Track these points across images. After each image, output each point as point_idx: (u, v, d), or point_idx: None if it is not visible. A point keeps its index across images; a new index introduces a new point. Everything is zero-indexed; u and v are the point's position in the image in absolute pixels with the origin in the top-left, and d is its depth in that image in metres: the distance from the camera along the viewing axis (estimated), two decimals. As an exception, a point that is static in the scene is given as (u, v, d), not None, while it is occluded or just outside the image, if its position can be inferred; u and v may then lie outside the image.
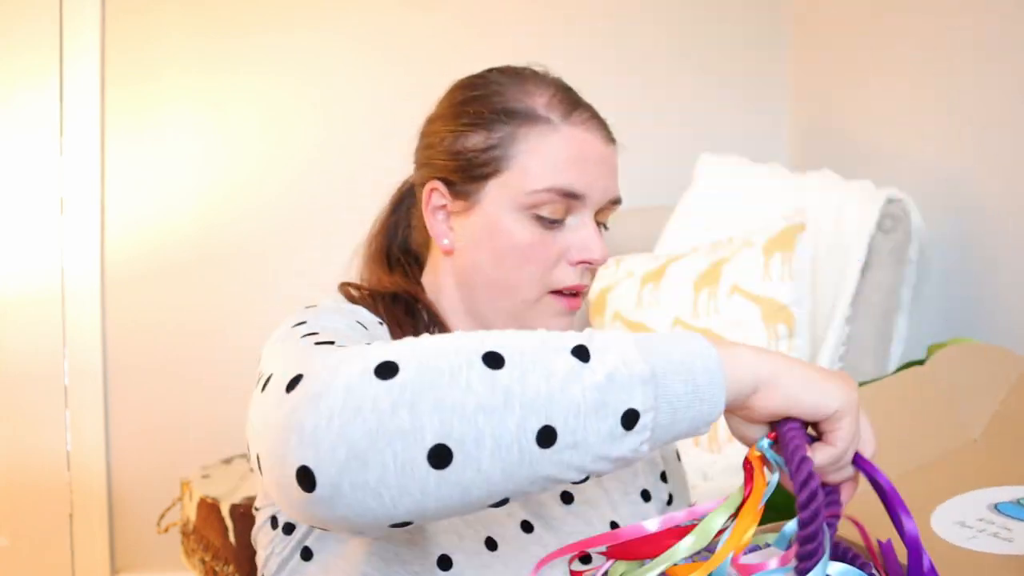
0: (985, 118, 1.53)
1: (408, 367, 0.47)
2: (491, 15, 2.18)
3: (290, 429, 0.46)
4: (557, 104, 0.77)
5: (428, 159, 0.81)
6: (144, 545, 2.16)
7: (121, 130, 2.14)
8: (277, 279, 2.19)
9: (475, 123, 0.77)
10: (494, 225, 0.76)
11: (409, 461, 0.45)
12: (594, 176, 0.76)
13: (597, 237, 0.77)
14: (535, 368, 0.48)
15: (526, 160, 0.75)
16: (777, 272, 1.52)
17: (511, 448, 0.47)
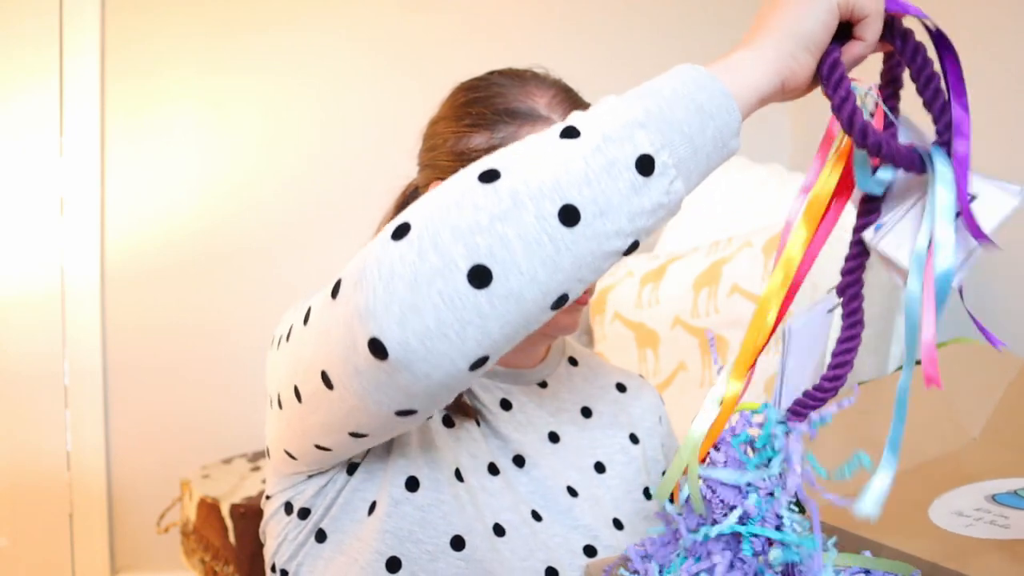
0: (985, 118, 1.53)
1: (418, 219, 0.49)
2: (491, 15, 2.18)
3: (349, 317, 0.50)
4: (558, 104, 0.77)
5: (432, 160, 0.82)
6: (144, 545, 2.16)
7: (121, 130, 2.14)
8: (278, 279, 2.19)
9: (477, 124, 0.77)
10: None
11: (454, 293, 0.47)
12: None
13: None
14: (531, 163, 0.49)
15: None
16: (777, 272, 1.52)
17: (540, 240, 0.47)
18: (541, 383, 0.85)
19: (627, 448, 0.87)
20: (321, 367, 0.55)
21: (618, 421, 0.88)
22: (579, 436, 0.84)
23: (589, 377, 0.90)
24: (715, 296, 1.57)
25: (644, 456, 0.88)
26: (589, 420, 0.86)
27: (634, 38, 2.24)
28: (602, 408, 0.88)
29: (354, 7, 2.17)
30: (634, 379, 0.94)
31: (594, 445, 0.85)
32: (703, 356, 1.56)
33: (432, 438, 0.74)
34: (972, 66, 1.52)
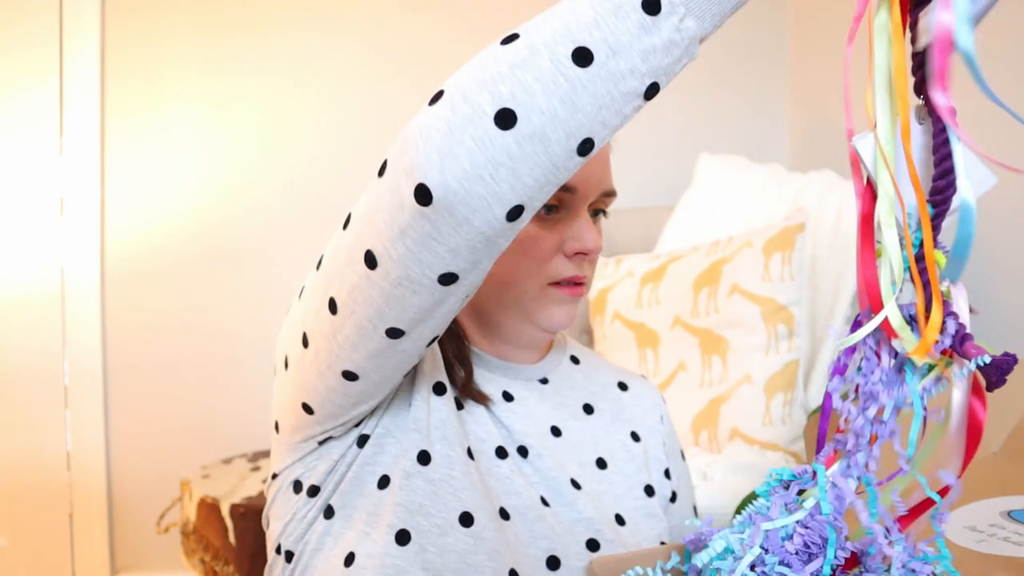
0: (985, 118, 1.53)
1: (449, 83, 0.54)
2: (491, 15, 2.18)
3: (396, 178, 0.55)
4: None
5: None
6: (144, 545, 2.16)
7: (121, 130, 2.14)
8: (277, 278, 2.19)
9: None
10: None
11: (484, 135, 0.51)
12: (587, 170, 0.76)
13: (590, 227, 0.77)
14: (544, 18, 0.54)
15: None
16: (777, 272, 1.52)
17: (557, 80, 0.51)
18: (542, 379, 0.86)
19: (628, 445, 0.87)
20: (365, 247, 0.59)
21: (619, 418, 0.89)
22: (581, 431, 0.85)
23: (590, 375, 0.91)
24: (715, 296, 1.57)
25: (645, 454, 0.88)
26: (591, 416, 0.87)
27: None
28: (603, 405, 0.89)
29: (354, 7, 2.17)
30: (636, 378, 0.95)
31: (596, 441, 0.85)
32: (703, 356, 1.56)
33: (445, 417, 0.75)
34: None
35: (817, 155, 2.08)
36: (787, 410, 1.46)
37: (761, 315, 1.50)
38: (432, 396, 0.76)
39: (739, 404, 1.48)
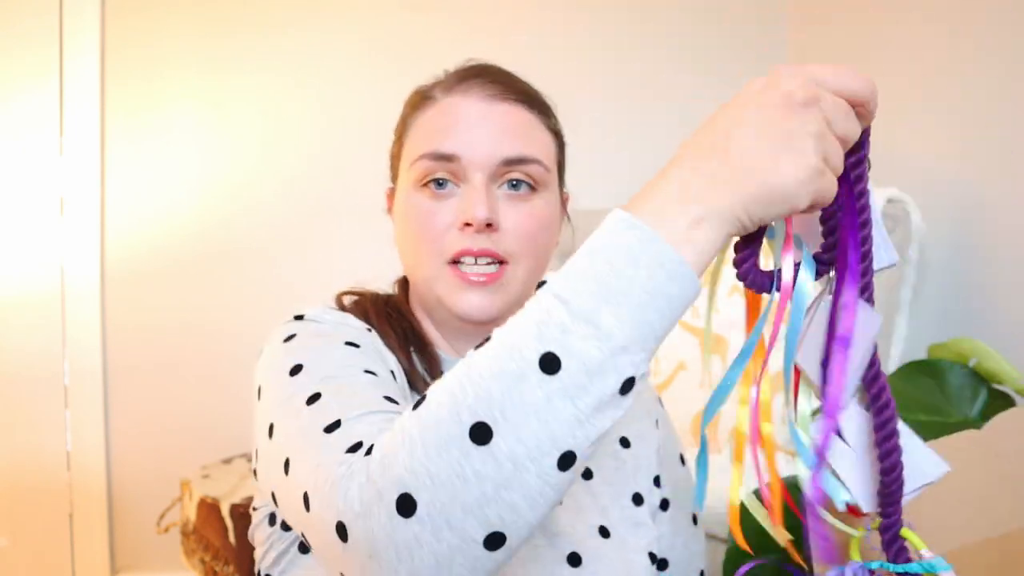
0: (985, 118, 1.53)
1: (421, 492, 0.46)
2: (490, 16, 2.18)
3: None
4: (448, 80, 0.79)
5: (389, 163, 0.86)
6: (144, 545, 2.16)
7: (121, 130, 2.14)
8: (277, 278, 2.19)
9: (400, 119, 0.83)
10: (401, 206, 0.79)
11: (475, 560, 0.47)
12: (471, 136, 0.74)
13: (479, 198, 0.73)
14: (521, 419, 0.46)
15: (411, 136, 0.79)
16: (777, 272, 1.52)
17: (544, 492, 0.47)
18: None
19: (617, 452, 0.83)
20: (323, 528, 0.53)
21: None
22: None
23: None
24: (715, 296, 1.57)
25: (635, 461, 0.84)
26: None
27: (634, 37, 2.23)
28: None
29: (354, 7, 2.17)
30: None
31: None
32: (703, 356, 1.55)
33: None
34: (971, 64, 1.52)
35: (817, 155, 2.08)
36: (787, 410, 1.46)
37: (761, 315, 1.50)
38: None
39: (739, 404, 1.48)
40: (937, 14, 1.65)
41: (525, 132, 0.76)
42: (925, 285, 1.65)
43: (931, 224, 1.61)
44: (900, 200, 1.56)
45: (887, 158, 1.81)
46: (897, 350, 1.58)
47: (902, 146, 1.77)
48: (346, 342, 0.68)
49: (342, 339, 0.69)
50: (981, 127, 1.54)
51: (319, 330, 0.70)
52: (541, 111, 0.79)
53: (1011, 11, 1.45)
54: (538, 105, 0.79)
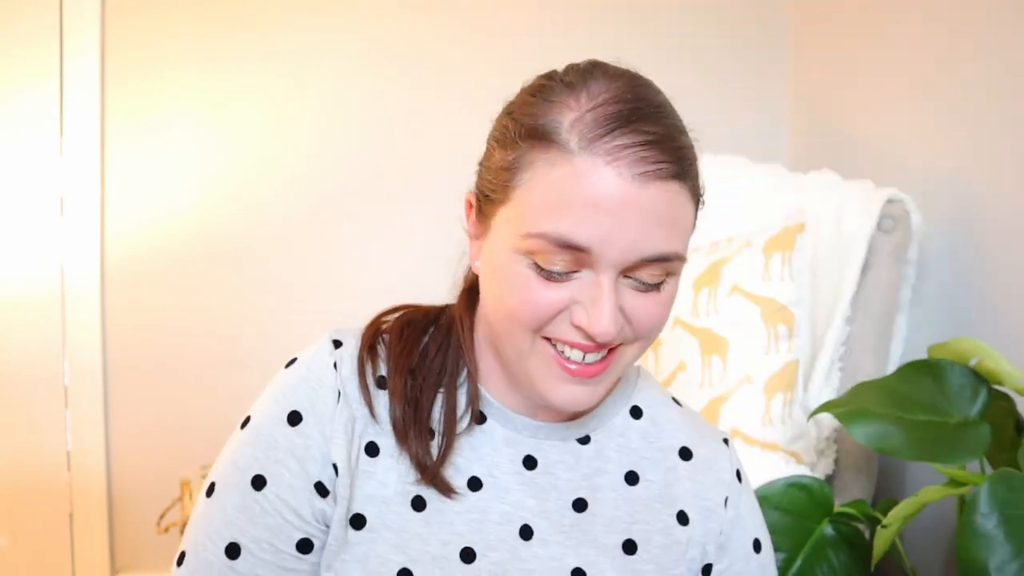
0: (985, 118, 1.53)
1: None
2: (491, 16, 2.18)
3: None
4: (586, 124, 0.61)
5: (477, 169, 0.71)
6: (144, 545, 2.16)
7: (121, 130, 2.14)
8: (277, 278, 2.19)
9: (503, 136, 0.66)
10: (496, 259, 0.65)
11: None
12: (610, 227, 0.59)
13: (605, 305, 0.61)
14: None
15: (527, 193, 0.62)
16: (777, 272, 1.52)
17: None
18: (583, 438, 0.74)
19: (671, 529, 0.73)
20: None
21: (668, 493, 0.74)
22: (614, 506, 0.72)
23: (650, 435, 0.76)
24: (715, 296, 1.57)
25: (689, 541, 0.74)
26: (633, 488, 0.73)
27: (634, 37, 2.23)
28: (653, 476, 0.74)
29: (354, 7, 2.17)
30: (708, 443, 0.78)
31: (631, 519, 0.72)
32: (703, 356, 1.55)
33: (403, 524, 0.67)
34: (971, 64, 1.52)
35: (817, 155, 2.08)
36: (787, 410, 1.46)
37: (761, 315, 1.50)
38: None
39: (739, 404, 1.48)
40: (937, 14, 1.65)
41: (673, 221, 0.63)
42: (925, 285, 1.65)
43: (931, 224, 1.61)
44: (900, 200, 1.56)
45: (887, 158, 1.81)
46: (897, 350, 1.58)
47: (902, 146, 1.77)
48: (255, 476, 0.68)
49: (254, 471, 0.68)
50: (981, 127, 1.54)
51: (253, 442, 0.70)
52: (690, 174, 0.66)
53: (1011, 11, 1.45)
54: (688, 167, 0.65)
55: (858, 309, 1.56)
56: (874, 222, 1.54)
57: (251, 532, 0.68)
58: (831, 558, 1.15)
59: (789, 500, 1.16)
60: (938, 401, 1.18)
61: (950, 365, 1.20)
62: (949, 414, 1.17)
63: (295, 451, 0.68)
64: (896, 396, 1.20)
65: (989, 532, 0.93)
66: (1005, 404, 1.22)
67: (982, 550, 0.93)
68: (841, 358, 1.56)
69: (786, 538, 1.15)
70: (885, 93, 1.84)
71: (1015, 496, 0.95)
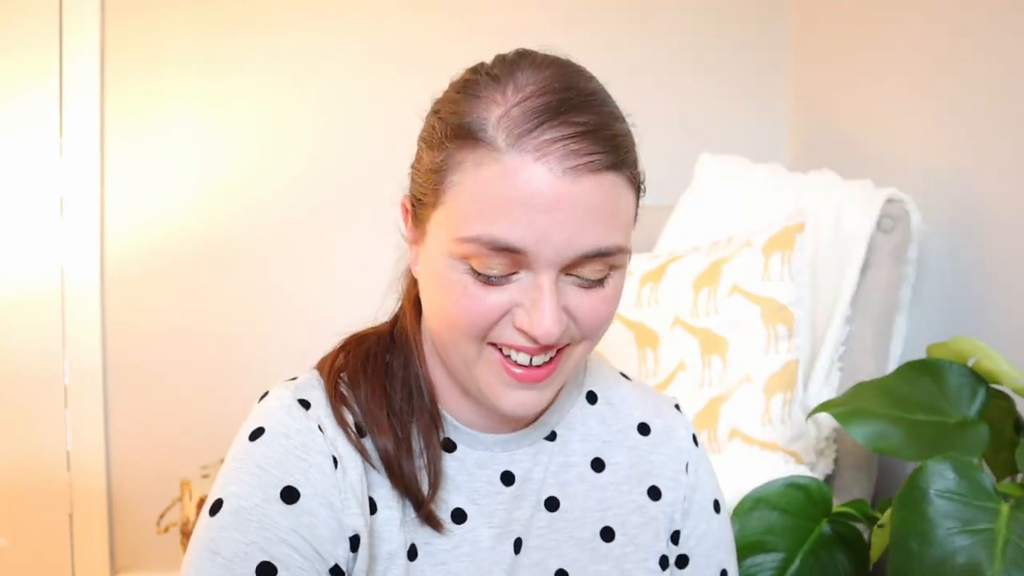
0: (985, 118, 1.53)
1: None
2: (491, 15, 2.18)
3: None
4: (513, 119, 0.58)
5: (410, 172, 0.67)
6: (144, 545, 2.16)
7: (121, 130, 2.14)
8: (277, 278, 2.19)
9: (431, 136, 0.63)
10: (433, 267, 0.62)
11: None
12: (544, 225, 0.57)
13: (546, 306, 0.59)
14: None
15: (457, 196, 0.59)
16: (777, 272, 1.52)
17: None
18: (549, 435, 0.73)
19: (645, 507, 0.74)
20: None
21: (635, 472, 0.74)
22: (585, 497, 0.72)
23: (608, 418, 0.76)
24: (715, 296, 1.57)
25: (664, 515, 0.74)
26: (600, 475, 0.73)
27: (634, 37, 2.23)
28: (618, 458, 0.74)
29: (354, 7, 2.17)
30: (662, 416, 0.78)
31: (604, 506, 0.72)
32: (703, 356, 1.55)
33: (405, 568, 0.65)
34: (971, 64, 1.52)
35: (817, 155, 2.08)
36: (786, 410, 1.46)
37: (761, 315, 1.50)
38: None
39: (739, 404, 1.48)
40: (937, 14, 1.65)
41: (611, 214, 0.59)
42: (924, 285, 1.65)
43: (930, 224, 1.61)
44: (899, 200, 1.56)
45: (887, 158, 1.81)
46: (896, 349, 1.58)
47: (902, 146, 1.77)
48: (260, 564, 0.59)
49: (256, 560, 0.59)
50: (981, 127, 1.54)
51: (240, 526, 0.60)
52: (626, 163, 0.61)
53: (1011, 11, 1.45)
54: (624, 155, 0.60)
55: (858, 309, 1.56)
56: (874, 222, 1.54)
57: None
58: (830, 558, 1.15)
59: (787, 500, 1.16)
60: (937, 401, 1.19)
61: (949, 365, 1.20)
62: (948, 414, 1.17)
63: (300, 531, 0.60)
64: (895, 396, 1.20)
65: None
66: (1004, 404, 1.22)
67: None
68: (841, 358, 1.56)
69: (784, 538, 1.15)
70: (885, 93, 1.84)
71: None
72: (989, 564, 0.90)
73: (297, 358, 2.28)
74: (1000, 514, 0.94)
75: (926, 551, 0.92)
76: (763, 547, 1.14)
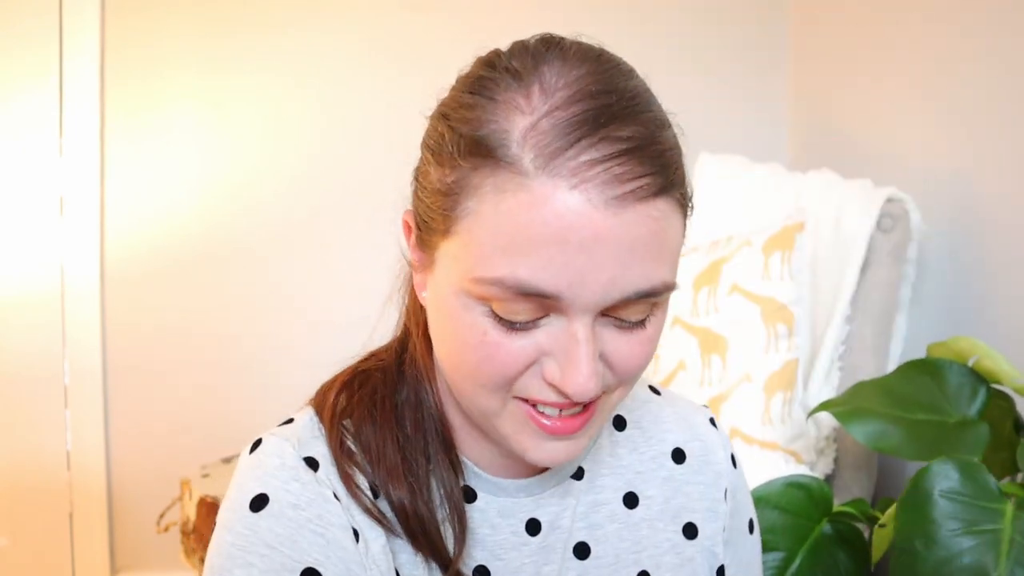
0: (985, 118, 1.53)
1: None
2: (491, 15, 2.18)
3: None
4: (542, 133, 0.47)
5: (413, 177, 0.57)
6: (144, 544, 2.16)
7: (121, 130, 2.14)
8: (277, 278, 2.19)
9: (439, 149, 0.52)
10: (445, 304, 0.53)
11: None
12: (581, 266, 0.47)
13: (582, 358, 0.49)
14: None
15: (474, 226, 0.49)
16: (777, 271, 1.52)
17: None
18: (576, 474, 0.64)
19: (679, 546, 0.66)
20: None
21: (670, 507, 0.67)
22: (618, 540, 0.64)
23: (639, 445, 0.68)
24: (715, 295, 1.57)
25: (702, 553, 0.67)
26: (634, 511, 0.65)
27: (634, 37, 2.23)
28: (651, 492, 0.66)
29: (354, 7, 2.17)
30: (699, 437, 0.70)
31: (638, 547, 0.64)
32: (703, 355, 1.56)
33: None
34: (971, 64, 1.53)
35: (817, 155, 2.08)
36: (786, 409, 1.46)
37: (761, 314, 1.50)
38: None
39: (739, 403, 1.49)
40: (937, 14, 1.65)
41: (659, 248, 0.49)
42: (924, 284, 1.65)
43: (930, 223, 1.61)
44: (899, 199, 1.56)
45: (887, 157, 1.81)
46: (896, 349, 1.58)
47: (902, 145, 1.77)
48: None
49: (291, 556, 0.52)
50: (981, 126, 1.54)
51: (256, 542, 0.53)
52: (676, 182, 0.50)
53: (1012, 11, 1.45)
54: (674, 173, 0.50)
55: (857, 308, 1.56)
56: (873, 221, 1.54)
57: None
58: (830, 557, 1.15)
59: (788, 500, 1.16)
60: (937, 400, 1.19)
61: (949, 364, 1.20)
62: (948, 413, 1.18)
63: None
64: (895, 395, 1.20)
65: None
66: (1004, 403, 1.22)
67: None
68: (841, 357, 1.56)
69: (785, 537, 1.15)
70: (885, 93, 1.84)
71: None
72: (994, 565, 0.90)
73: (297, 358, 2.29)
74: (1005, 514, 0.94)
75: (931, 552, 0.92)
76: (764, 546, 1.13)
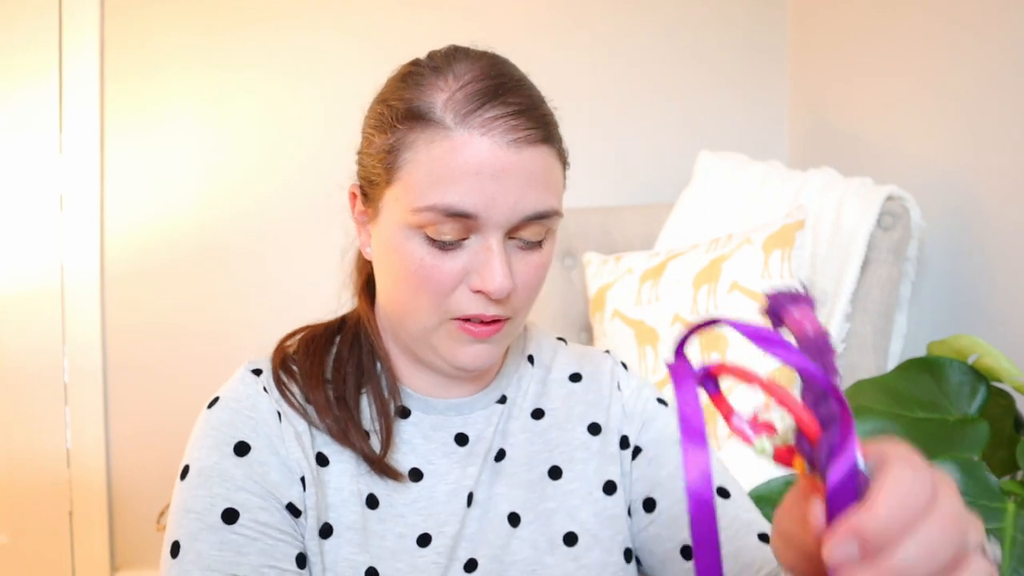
0: (985, 116, 1.53)
1: None
2: (491, 14, 2.18)
3: None
4: (457, 101, 0.65)
5: (357, 159, 0.75)
6: (144, 542, 2.17)
7: (121, 128, 2.14)
8: (276, 277, 2.19)
9: (380, 122, 0.70)
10: (389, 241, 0.69)
11: None
12: (492, 191, 0.64)
13: (497, 265, 0.66)
14: None
15: (412, 171, 0.66)
16: (777, 269, 1.52)
17: None
18: (501, 399, 0.80)
19: (587, 443, 0.80)
20: None
21: (573, 414, 0.81)
22: (528, 445, 0.78)
23: (546, 376, 0.83)
24: (715, 293, 1.57)
25: (605, 446, 0.80)
26: (539, 422, 0.80)
27: (634, 36, 2.24)
28: (554, 405, 0.81)
29: (354, 6, 2.17)
30: (591, 362, 0.85)
31: (549, 447, 0.79)
32: (703, 353, 1.56)
33: (365, 526, 0.71)
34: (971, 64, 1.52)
35: (817, 152, 2.08)
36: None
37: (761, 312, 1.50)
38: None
39: (739, 403, 1.48)
40: (937, 12, 1.65)
41: (547, 179, 0.67)
42: (924, 282, 1.65)
43: (931, 221, 1.61)
44: (900, 197, 1.56)
45: (887, 155, 1.81)
46: (896, 347, 1.58)
47: (901, 144, 1.77)
48: (225, 511, 0.67)
49: (221, 507, 0.67)
50: (981, 125, 1.54)
51: (204, 483, 0.69)
52: (555, 138, 0.69)
53: (1012, 10, 1.45)
54: (553, 131, 0.69)
55: (857, 306, 1.56)
56: (874, 219, 1.54)
57: (244, 563, 0.65)
58: (830, 555, 1.15)
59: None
60: (937, 398, 1.19)
61: (949, 362, 1.20)
62: (948, 411, 1.18)
63: (254, 477, 0.68)
64: (895, 393, 1.20)
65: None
66: (1004, 401, 1.22)
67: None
68: (841, 355, 1.56)
69: (785, 535, 1.14)
70: (885, 91, 1.84)
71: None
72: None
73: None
74: (1006, 513, 0.94)
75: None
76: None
